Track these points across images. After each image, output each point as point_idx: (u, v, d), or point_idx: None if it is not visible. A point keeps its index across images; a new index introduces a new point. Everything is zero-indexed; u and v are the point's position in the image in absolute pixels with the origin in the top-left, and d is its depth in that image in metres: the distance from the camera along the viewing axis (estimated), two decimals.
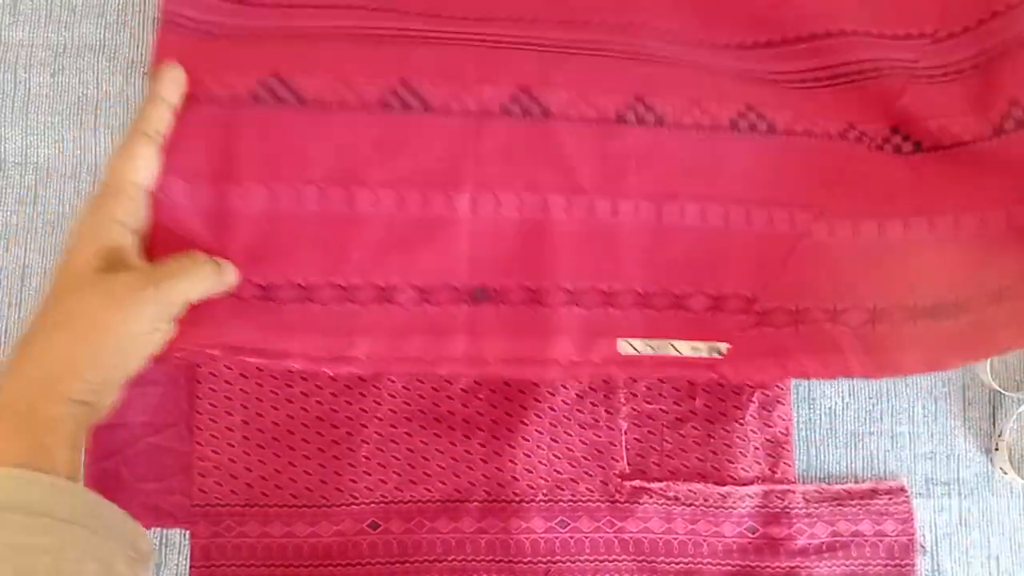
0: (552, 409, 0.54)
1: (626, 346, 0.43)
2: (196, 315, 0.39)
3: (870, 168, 0.44)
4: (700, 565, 0.53)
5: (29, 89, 0.59)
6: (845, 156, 0.44)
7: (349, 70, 0.41)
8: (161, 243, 0.39)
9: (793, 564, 0.52)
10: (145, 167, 0.37)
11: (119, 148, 0.37)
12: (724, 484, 0.53)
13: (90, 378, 0.35)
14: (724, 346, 0.43)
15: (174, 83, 0.39)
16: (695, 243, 0.43)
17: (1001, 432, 0.54)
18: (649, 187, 0.43)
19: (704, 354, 0.43)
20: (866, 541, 0.53)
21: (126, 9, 0.60)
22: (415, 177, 0.41)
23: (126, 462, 0.53)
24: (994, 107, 0.43)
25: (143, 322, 0.35)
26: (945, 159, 0.44)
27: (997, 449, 0.55)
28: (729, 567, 0.53)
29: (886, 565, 0.53)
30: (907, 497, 0.54)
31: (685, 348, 0.43)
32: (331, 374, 0.44)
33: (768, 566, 0.53)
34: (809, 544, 0.53)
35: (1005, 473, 0.54)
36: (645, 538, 0.53)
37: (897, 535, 0.53)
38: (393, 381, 0.53)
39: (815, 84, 0.45)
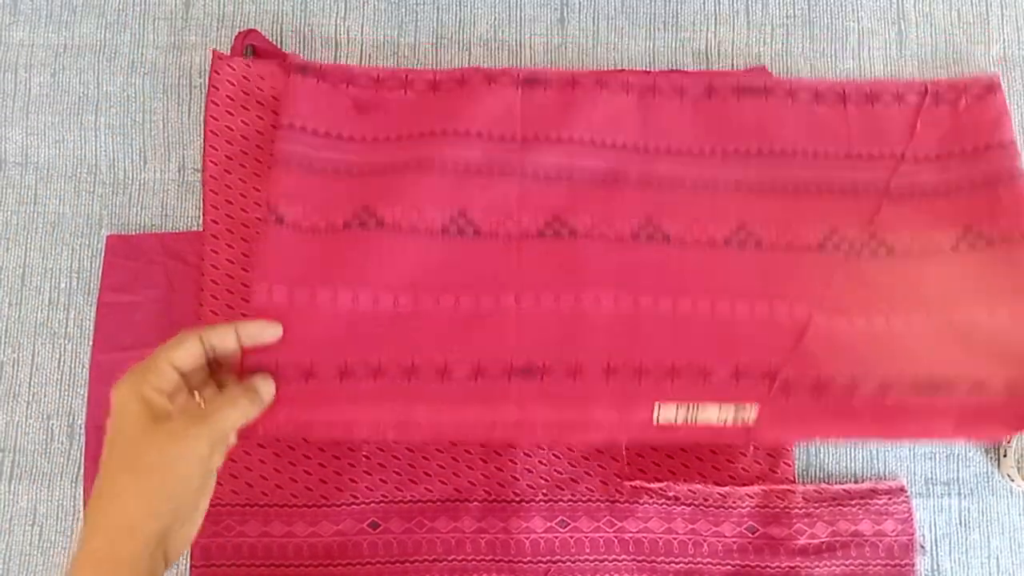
0: None
1: (661, 410, 0.49)
2: (278, 400, 0.47)
3: (849, 273, 0.53)
4: (700, 565, 0.53)
5: (29, 89, 0.59)
6: (826, 264, 0.53)
7: (420, 201, 0.51)
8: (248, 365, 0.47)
9: (793, 564, 0.52)
10: (186, 358, 0.42)
11: (175, 340, 0.43)
12: (724, 484, 0.54)
13: (163, 511, 0.39)
14: (751, 407, 0.49)
15: (262, 337, 0.47)
16: (710, 328, 0.51)
17: (1009, 438, 0.54)
18: (663, 285, 0.51)
19: (731, 417, 0.49)
20: (866, 541, 0.53)
21: (126, 9, 0.60)
22: (468, 285, 0.51)
23: None
24: (952, 228, 0.54)
25: (202, 450, 0.40)
26: (912, 265, 0.53)
27: (1005, 456, 0.54)
28: (729, 567, 0.53)
29: (886, 565, 0.53)
30: (906, 497, 0.54)
31: (713, 411, 0.48)
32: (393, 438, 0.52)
33: (768, 566, 0.53)
34: (809, 544, 0.53)
35: (1012, 480, 0.54)
36: (645, 538, 0.53)
37: (897, 535, 0.53)
38: None
39: (805, 192, 0.54)
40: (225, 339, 0.45)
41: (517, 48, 0.60)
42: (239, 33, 0.58)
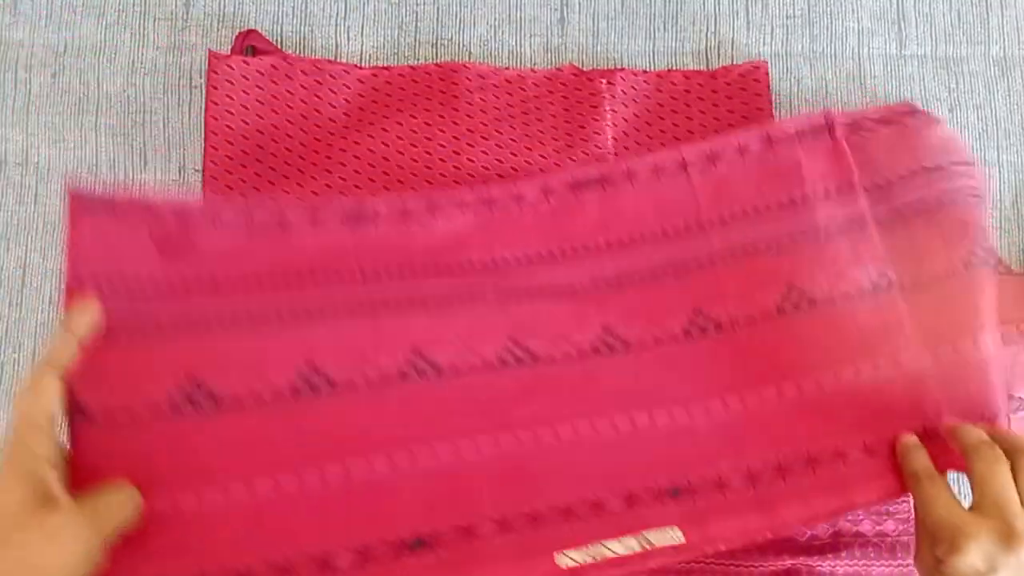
0: None
1: (564, 559, 0.42)
2: None
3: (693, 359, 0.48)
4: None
5: (29, 89, 0.59)
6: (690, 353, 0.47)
7: (258, 361, 0.43)
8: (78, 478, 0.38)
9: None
10: (56, 400, 0.37)
11: (29, 385, 0.37)
12: None
13: None
14: (653, 533, 0.43)
15: (88, 319, 0.40)
16: (595, 453, 0.45)
17: None
18: (538, 415, 0.45)
19: (637, 548, 0.43)
20: (868, 542, 0.53)
21: (126, 9, 0.60)
22: (332, 452, 0.43)
23: None
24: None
25: (81, 563, 0.34)
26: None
27: None
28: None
29: (889, 566, 0.52)
30: (907, 497, 0.54)
31: (617, 547, 0.43)
32: None
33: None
34: (811, 544, 0.53)
35: None
36: None
37: (898, 535, 0.53)
38: None
39: (663, 275, 0.49)
40: (68, 348, 0.38)
41: (517, 49, 0.60)
42: (239, 33, 0.58)
